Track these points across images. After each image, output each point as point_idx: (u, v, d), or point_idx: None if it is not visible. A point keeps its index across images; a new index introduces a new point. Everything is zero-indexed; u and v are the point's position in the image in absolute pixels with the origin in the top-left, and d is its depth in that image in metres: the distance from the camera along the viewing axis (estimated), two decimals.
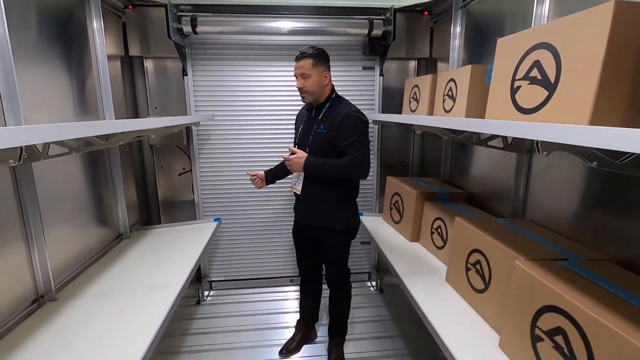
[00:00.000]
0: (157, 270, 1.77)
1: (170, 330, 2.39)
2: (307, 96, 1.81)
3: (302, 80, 1.77)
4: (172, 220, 2.74)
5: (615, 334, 0.78)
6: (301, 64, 1.76)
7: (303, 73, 1.76)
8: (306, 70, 1.75)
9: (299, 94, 1.83)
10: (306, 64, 1.75)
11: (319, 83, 1.79)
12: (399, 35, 2.49)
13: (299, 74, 1.77)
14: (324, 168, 1.76)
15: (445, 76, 1.75)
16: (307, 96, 1.81)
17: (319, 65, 1.77)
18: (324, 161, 1.76)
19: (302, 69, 1.76)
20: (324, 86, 1.83)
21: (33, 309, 1.42)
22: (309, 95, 1.81)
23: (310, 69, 1.75)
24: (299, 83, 1.79)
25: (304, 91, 1.80)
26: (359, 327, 2.44)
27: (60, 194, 1.63)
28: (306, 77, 1.76)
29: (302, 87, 1.78)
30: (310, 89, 1.78)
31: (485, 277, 1.34)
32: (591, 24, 0.84)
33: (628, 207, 1.16)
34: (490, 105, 1.23)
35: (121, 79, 2.37)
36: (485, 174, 2.01)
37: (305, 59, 1.75)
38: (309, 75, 1.76)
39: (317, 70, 1.77)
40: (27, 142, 0.79)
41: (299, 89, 1.80)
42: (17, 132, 0.76)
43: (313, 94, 1.81)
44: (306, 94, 1.80)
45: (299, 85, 1.79)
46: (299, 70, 1.77)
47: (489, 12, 1.95)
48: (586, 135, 0.66)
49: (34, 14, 1.51)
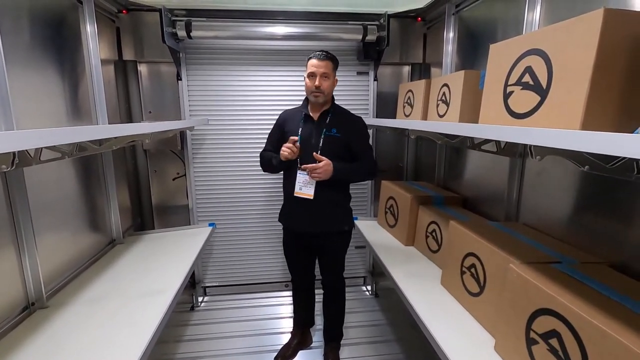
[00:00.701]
0: (150, 276, 1.75)
1: (164, 336, 2.35)
2: (322, 96, 1.81)
3: (322, 80, 1.77)
4: (166, 225, 2.71)
5: (608, 336, 0.78)
6: (325, 64, 1.77)
7: (325, 72, 1.77)
8: (328, 70, 1.77)
9: (313, 93, 1.79)
10: (329, 65, 1.78)
11: (333, 86, 1.85)
12: (393, 41, 2.51)
13: (321, 73, 1.76)
14: (349, 172, 1.84)
15: (439, 81, 1.77)
16: (321, 96, 1.81)
17: (335, 69, 1.83)
18: (348, 165, 1.83)
19: (325, 69, 1.77)
20: (332, 91, 1.87)
21: (23, 317, 1.39)
22: (323, 96, 1.81)
23: (331, 70, 1.79)
24: (318, 82, 1.77)
25: (320, 91, 1.78)
26: (355, 332, 2.43)
27: (52, 199, 1.61)
28: (326, 77, 1.78)
29: (320, 87, 1.78)
30: (327, 90, 1.80)
31: (480, 281, 1.35)
32: (581, 31, 0.85)
33: (620, 211, 1.17)
34: (484, 110, 1.24)
35: (115, 84, 2.35)
36: (479, 178, 2.03)
37: (328, 60, 1.78)
38: (328, 76, 1.78)
39: (333, 74, 1.82)
40: (20, 147, 0.78)
41: (316, 87, 1.77)
42: (10, 138, 0.75)
43: (327, 95, 1.83)
44: (321, 94, 1.80)
45: (319, 84, 1.77)
46: (322, 69, 1.76)
47: (481, 19, 1.98)
48: (578, 140, 0.67)
49: (26, 18, 1.50)
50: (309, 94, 1.83)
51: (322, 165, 1.76)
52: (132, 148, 2.58)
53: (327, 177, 1.77)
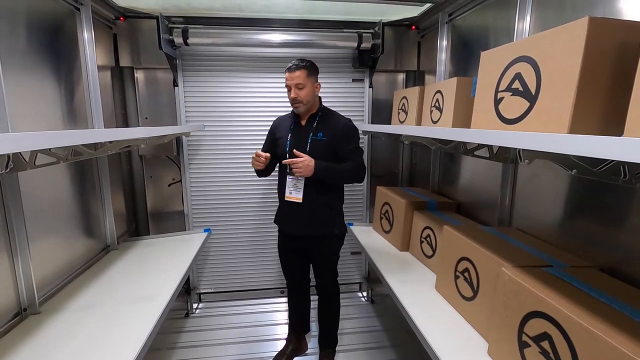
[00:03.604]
0: (144, 282, 1.74)
1: (158, 343, 2.33)
2: (302, 106, 1.85)
3: (297, 91, 1.81)
4: (161, 231, 2.70)
5: (598, 338, 0.79)
6: (296, 74, 1.80)
7: (298, 83, 1.80)
8: (301, 80, 1.80)
9: (293, 104, 1.86)
10: (301, 75, 1.80)
11: (312, 93, 1.86)
12: (388, 49, 2.55)
13: (294, 84, 1.81)
14: (332, 172, 1.83)
15: (433, 88, 1.80)
16: (301, 106, 1.84)
17: (312, 76, 1.84)
18: (331, 165, 1.82)
19: (297, 79, 1.80)
20: (316, 96, 1.90)
21: (15, 323, 1.38)
22: (303, 105, 1.84)
23: (305, 79, 1.81)
24: (293, 93, 1.82)
25: (298, 101, 1.83)
26: (350, 338, 2.42)
27: (46, 204, 1.60)
28: (301, 87, 1.81)
29: (297, 97, 1.82)
30: (305, 98, 1.83)
31: (473, 285, 1.36)
32: (568, 38, 0.88)
33: (610, 215, 1.19)
34: (475, 116, 1.26)
35: (111, 90, 2.36)
36: (472, 183, 2.05)
37: (299, 70, 1.80)
38: (303, 85, 1.81)
39: (310, 81, 1.83)
40: (15, 149, 0.78)
41: (293, 99, 1.83)
42: (4, 140, 0.75)
43: (307, 103, 1.85)
44: (300, 104, 1.84)
45: (294, 95, 1.82)
46: (293, 81, 1.80)
47: (474, 27, 2.02)
48: (563, 143, 0.69)
49: (23, 24, 1.51)
50: (291, 105, 1.89)
51: (302, 160, 1.77)
52: (127, 154, 2.58)
53: (308, 173, 1.78)
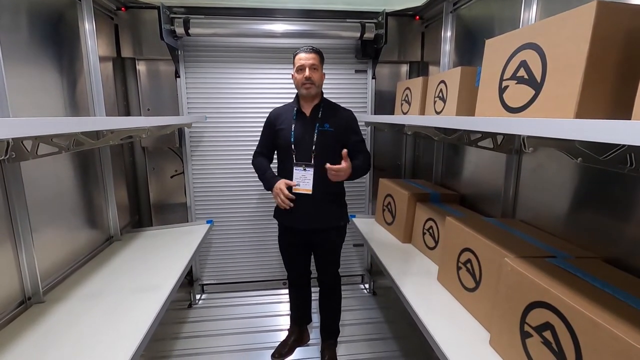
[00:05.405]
0: (147, 273, 1.75)
1: (161, 334, 2.36)
2: (314, 88, 1.85)
3: (312, 72, 1.82)
4: (164, 222, 2.71)
5: (600, 327, 0.79)
6: (313, 55, 1.83)
7: (314, 64, 1.82)
8: (316, 62, 1.83)
9: (304, 85, 1.83)
10: (317, 58, 1.84)
11: (322, 79, 1.90)
12: (391, 39, 2.51)
13: (310, 64, 1.81)
14: (357, 171, 1.87)
15: (436, 78, 1.77)
16: (313, 88, 1.84)
17: (322, 63, 1.89)
18: (354, 163, 1.84)
19: (314, 60, 1.82)
20: (322, 85, 1.92)
21: (19, 312, 1.39)
22: (315, 87, 1.85)
23: (318, 63, 1.85)
24: (308, 73, 1.81)
25: (312, 82, 1.83)
26: (352, 329, 2.43)
27: (49, 195, 1.61)
28: (315, 69, 1.83)
29: (311, 78, 1.82)
30: (317, 81, 1.85)
31: (475, 276, 1.35)
32: (574, 24, 0.86)
33: (615, 206, 1.17)
34: (479, 106, 1.25)
35: (113, 81, 2.36)
36: (476, 175, 2.03)
37: (315, 53, 1.84)
38: (317, 68, 1.84)
39: (322, 67, 1.88)
40: (13, 134, 0.77)
41: (307, 78, 1.81)
42: (3, 124, 0.75)
43: (319, 87, 1.88)
44: (313, 86, 1.84)
45: (309, 75, 1.81)
46: (311, 61, 1.81)
47: (479, 17, 1.98)
48: (569, 128, 0.67)
49: (24, 15, 1.50)
50: (300, 86, 1.86)
51: (347, 167, 1.75)
52: (130, 145, 2.58)
53: (345, 177, 1.80)
